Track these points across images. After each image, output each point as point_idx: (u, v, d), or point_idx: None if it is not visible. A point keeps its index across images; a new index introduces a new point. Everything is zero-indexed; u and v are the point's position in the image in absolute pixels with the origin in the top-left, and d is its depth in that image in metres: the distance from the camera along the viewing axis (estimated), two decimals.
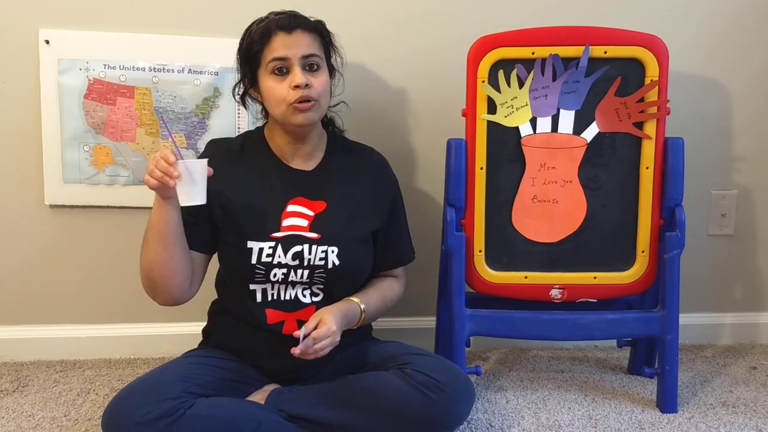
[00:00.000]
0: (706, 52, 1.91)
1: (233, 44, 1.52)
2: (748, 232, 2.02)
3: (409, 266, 1.64)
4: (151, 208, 1.86)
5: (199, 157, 1.49)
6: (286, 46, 1.43)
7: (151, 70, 1.81)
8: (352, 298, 1.49)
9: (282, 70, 1.44)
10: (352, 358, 1.49)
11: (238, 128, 1.84)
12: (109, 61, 1.79)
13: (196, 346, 1.59)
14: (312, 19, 1.49)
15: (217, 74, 1.81)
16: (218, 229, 1.49)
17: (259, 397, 1.48)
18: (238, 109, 1.82)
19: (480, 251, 1.67)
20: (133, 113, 1.82)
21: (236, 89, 1.56)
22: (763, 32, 1.91)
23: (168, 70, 1.81)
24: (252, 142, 1.56)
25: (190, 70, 1.81)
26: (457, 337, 1.63)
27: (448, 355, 1.65)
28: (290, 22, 1.44)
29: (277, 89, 1.44)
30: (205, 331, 1.60)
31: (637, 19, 1.82)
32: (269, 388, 1.50)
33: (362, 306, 1.48)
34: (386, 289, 1.58)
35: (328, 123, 1.63)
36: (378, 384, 1.39)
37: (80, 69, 1.79)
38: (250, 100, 1.58)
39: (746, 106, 1.94)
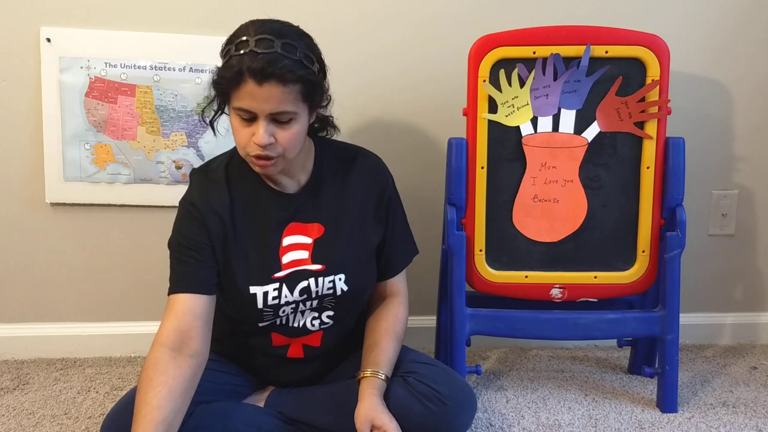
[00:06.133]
0: (708, 53, 1.90)
1: None
2: (748, 232, 2.02)
3: (410, 265, 1.63)
4: (151, 206, 1.88)
5: (187, 188, 1.38)
6: (252, 98, 1.21)
7: (152, 69, 1.81)
8: (370, 375, 1.35)
9: (247, 118, 1.26)
10: (356, 362, 1.47)
11: None
12: (111, 60, 1.79)
13: None
14: (294, 60, 1.22)
15: None
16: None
17: (258, 398, 1.47)
18: None
19: (480, 250, 1.67)
20: (134, 111, 1.82)
21: (204, 112, 1.40)
22: (766, 34, 1.91)
23: (169, 69, 1.81)
24: (235, 167, 1.40)
25: (191, 68, 1.81)
26: (458, 337, 1.63)
27: (449, 354, 1.65)
28: (264, 69, 1.19)
29: (239, 132, 1.27)
30: None
31: (637, 20, 1.82)
32: (269, 388, 1.50)
33: (382, 375, 1.36)
34: (395, 324, 1.46)
35: (320, 126, 1.45)
36: None
37: (81, 67, 1.79)
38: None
39: (747, 106, 1.94)
